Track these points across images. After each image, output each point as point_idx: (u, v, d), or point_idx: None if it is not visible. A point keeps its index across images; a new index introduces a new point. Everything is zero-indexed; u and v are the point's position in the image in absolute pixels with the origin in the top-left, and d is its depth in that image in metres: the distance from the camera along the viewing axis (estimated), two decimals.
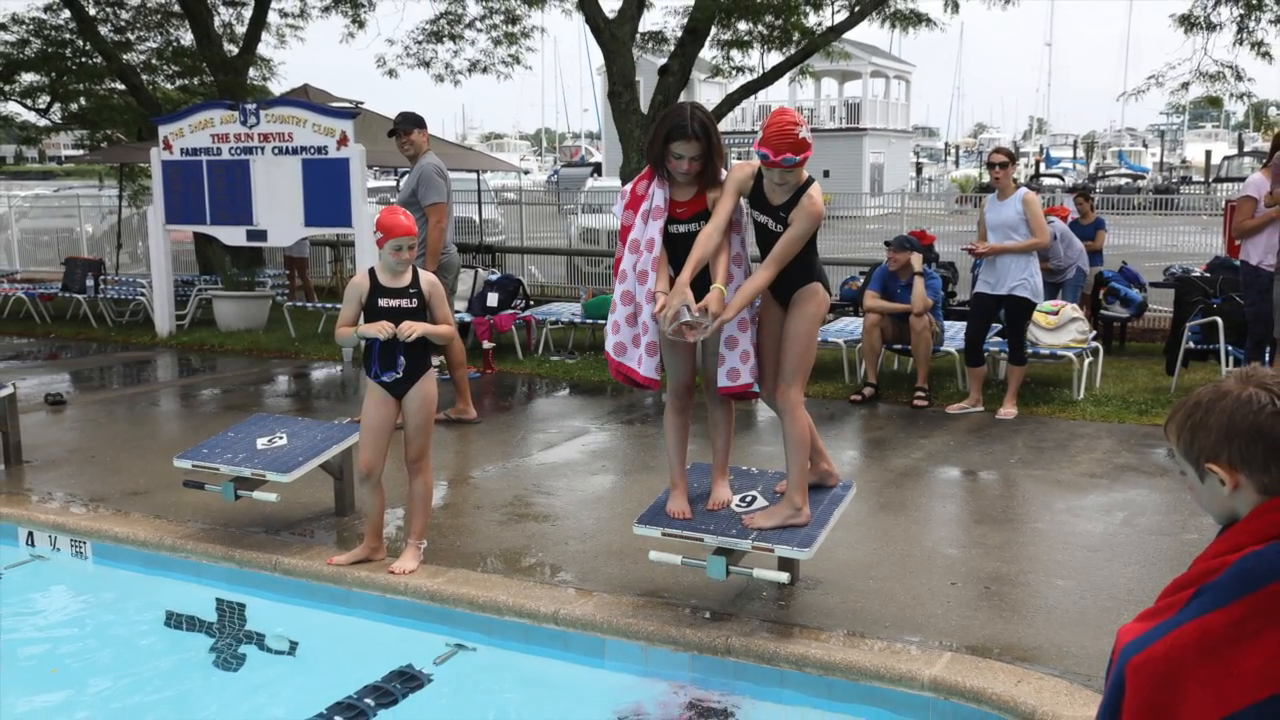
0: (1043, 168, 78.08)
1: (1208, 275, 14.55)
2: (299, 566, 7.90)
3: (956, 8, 20.04)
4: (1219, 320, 13.29)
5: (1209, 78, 19.41)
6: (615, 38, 18.93)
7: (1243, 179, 17.63)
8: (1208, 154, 76.82)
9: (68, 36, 24.76)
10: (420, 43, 24.23)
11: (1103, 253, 17.47)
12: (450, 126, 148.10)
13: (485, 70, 24.42)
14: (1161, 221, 26.92)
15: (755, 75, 20.53)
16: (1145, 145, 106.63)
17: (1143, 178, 71.85)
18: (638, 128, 18.35)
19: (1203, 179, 66.29)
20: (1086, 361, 13.27)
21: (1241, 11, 18.39)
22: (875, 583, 7.46)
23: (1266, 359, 11.35)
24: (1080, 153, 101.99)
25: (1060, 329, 13.16)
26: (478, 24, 23.86)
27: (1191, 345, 13.66)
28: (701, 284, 6.60)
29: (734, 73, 21.45)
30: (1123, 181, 66.42)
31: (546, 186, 57.10)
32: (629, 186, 6.94)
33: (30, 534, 8.92)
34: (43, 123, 27.54)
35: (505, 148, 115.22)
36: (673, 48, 19.80)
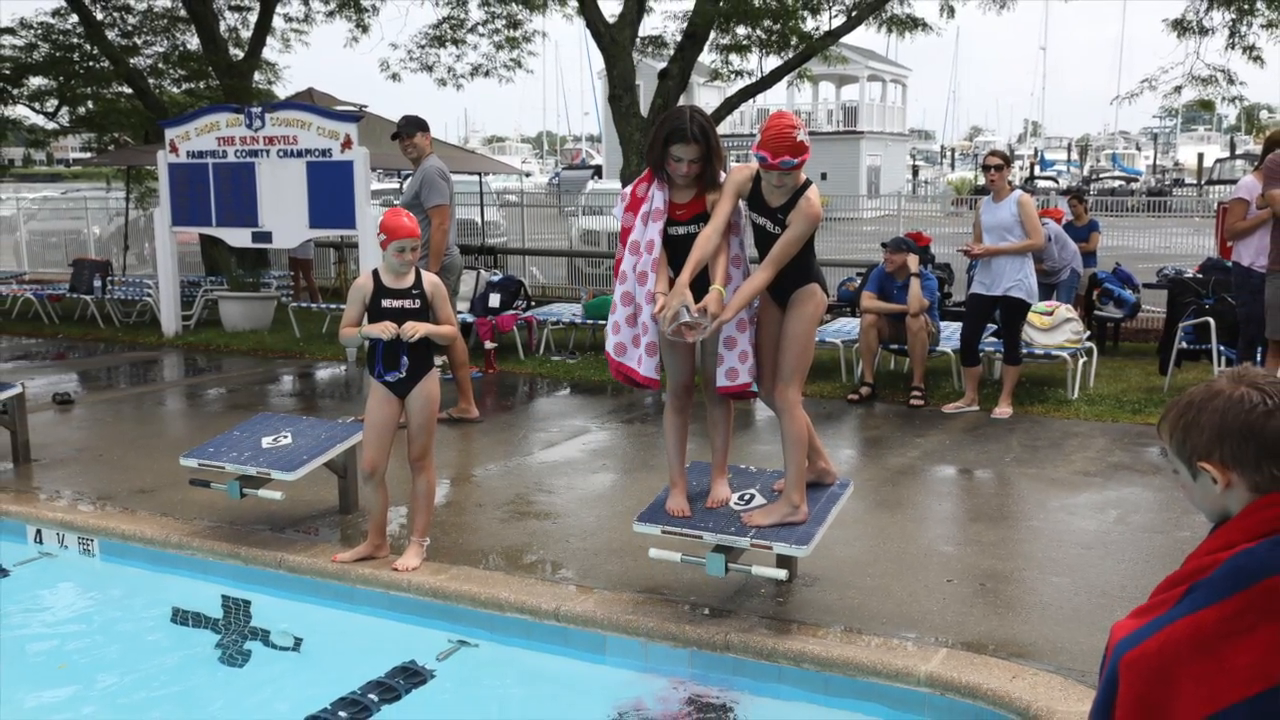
0: (1037, 170, 78.06)
1: (1200, 276, 14.54)
2: (303, 564, 7.91)
3: (952, 12, 20.07)
4: (1211, 321, 13.29)
5: (1201, 81, 19.45)
6: (616, 42, 18.93)
7: (1235, 181, 17.60)
8: (1200, 157, 76.77)
9: (75, 41, 24.75)
10: (423, 47, 24.24)
11: (1096, 254, 17.49)
12: (453, 130, 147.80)
13: (487, 74, 24.42)
14: (1154, 223, 26.99)
15: (753, 79, 20.54)
16: (1138, 148, 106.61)
17: (1136, 180, 71.86)
18: (638, 131, 18.35)
19: (1195, 181, 66.26)
20: (1080, 361, 13.27)
21: (1233, 16, 18.43)
22: (872, 580, 7.47)
23: (1258, 359, 11.36)
24: (1074, 155, 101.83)
25: (1054, 329, 13.17)
26: (480, 28, 23.86)
27: (1184, 345, 13.67)
28: (700, 285, 6.60)
29: (732, 76, 21.44)
30: (1116, 184, 66.37)
31: (548, 189, 57.14)
32: (629, 189, 6.94)
33: (38, 532, 8.92)
34: (50, 126, 27.49)
35: (507, 150, 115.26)
36: (672, 52, 19.81)
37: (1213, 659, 3.31)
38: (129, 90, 24.28)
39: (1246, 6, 18.14)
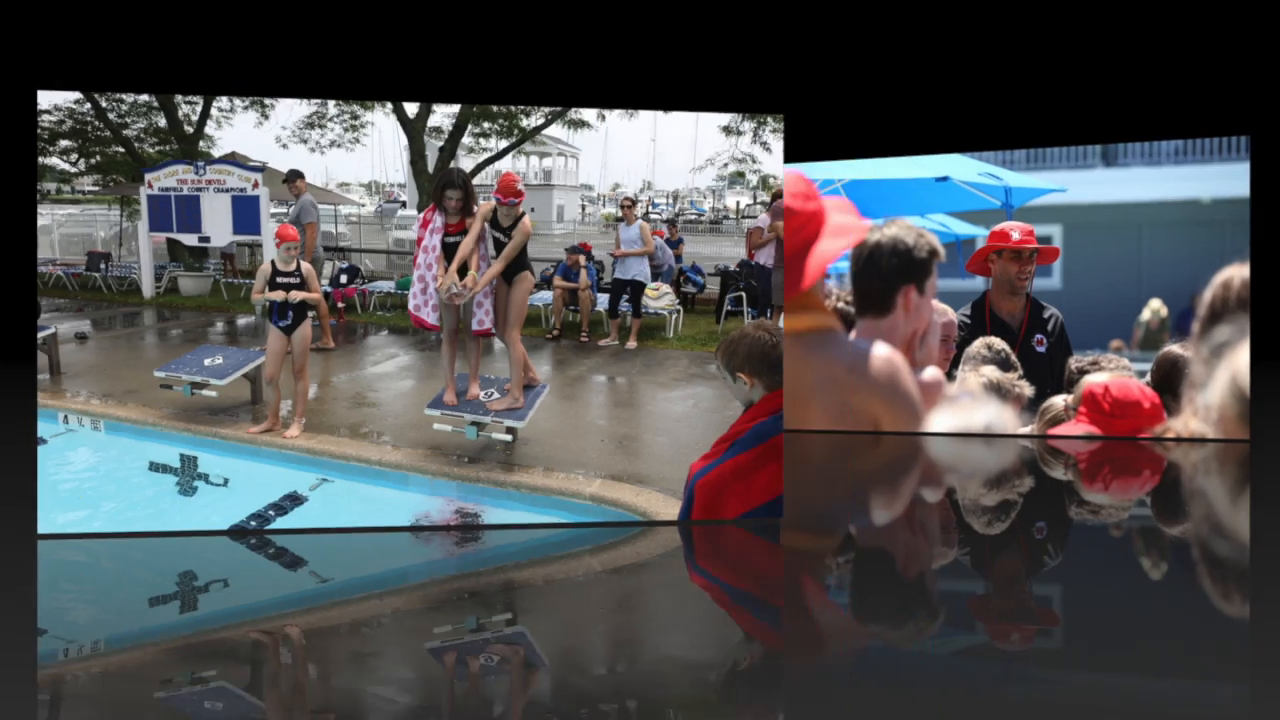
0: (650, 209, 78.93)
1: (738, 270, 14.92)
2: (230, 434, 7.57)
3: (604, 118, 20.20)
4: (744, 294, 13.68)
5: (738, 161, 20.04)
6: (414, 129, 18.52)
7: (756, 216, 18.25)
8: (738, 202, 78.77)
9: (88, 118, 23.05)
10: (301, 129, 23.19)
11: (683, 256, 17.77)
12: (318, 177, 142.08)
13: (339, 146, 23.45)
14: (714, 240, 27.62)
15: (492, 153, 20.33)
16: (705, 196, 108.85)
17: (703, 215, 73.42)
18: (428, 181, 17.95)
19: (735, 216, 68.13)
20: (674, 317, 13.48)
21: (755, 124, 19.11)
22: (559, 440, 7.45)
23: (769, 316, 11.77)
24: (671, 200, 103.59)
25: (660, 298, 13.32)
26: (335, 118, 23.00)
27: (729, 309, 14.03)
28: (462, 271, 6.56)
29: (481, 151, 21.21)
30: (693, 216, 67.71)
31: (375, 214, 55.47)
32: (422, 215, 6.89)
33: (65, 415, 8.36)
34: (73, 170, 25.62)
35: (351, 190, 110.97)
36: (446, 136, 19.48)
37: (745, 483, 3.38)
38: (122, 149, 22.71)
39: (762, 119, 18.85)
